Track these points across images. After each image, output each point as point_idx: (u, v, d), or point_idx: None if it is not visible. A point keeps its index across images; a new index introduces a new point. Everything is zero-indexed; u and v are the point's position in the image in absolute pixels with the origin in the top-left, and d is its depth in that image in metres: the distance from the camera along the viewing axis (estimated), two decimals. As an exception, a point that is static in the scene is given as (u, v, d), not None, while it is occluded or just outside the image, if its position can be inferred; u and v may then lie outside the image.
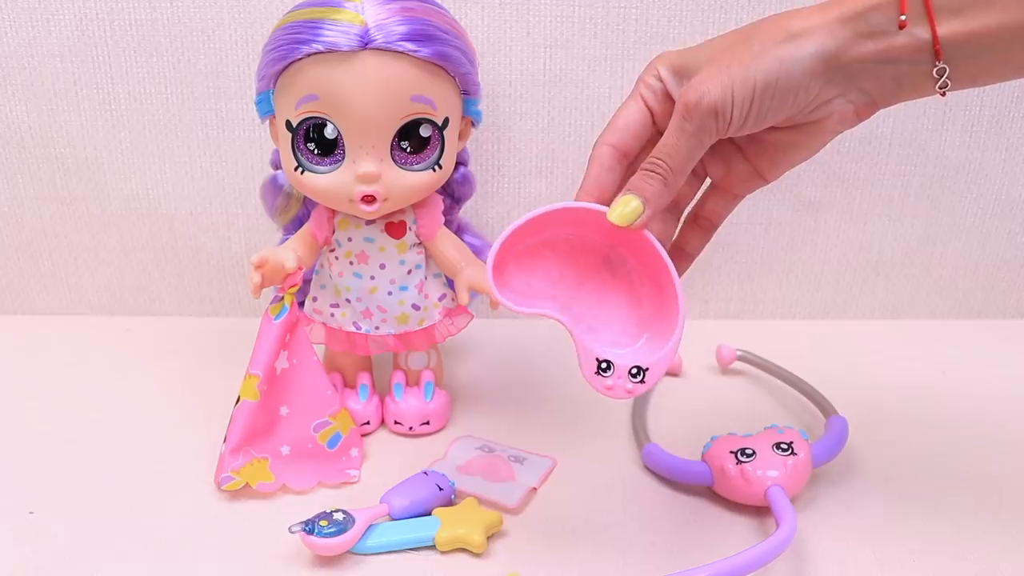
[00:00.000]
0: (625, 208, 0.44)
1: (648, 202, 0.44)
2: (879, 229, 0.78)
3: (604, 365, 0.45)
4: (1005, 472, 0.58)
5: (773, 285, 0.80)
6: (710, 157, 0.49)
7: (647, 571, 0.48)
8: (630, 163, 0.47)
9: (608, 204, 0.44)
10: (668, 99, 0.47)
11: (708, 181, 0.51)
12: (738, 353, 0.69)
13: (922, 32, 0.42)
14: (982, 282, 0.81)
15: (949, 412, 0.65)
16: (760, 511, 0.53)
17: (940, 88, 0.43)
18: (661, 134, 0.45)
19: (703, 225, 0.51)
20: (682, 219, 0.52)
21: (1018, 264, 0.80)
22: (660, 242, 0.46)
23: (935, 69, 0.43)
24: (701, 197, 0.51)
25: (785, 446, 0.52)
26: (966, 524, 0.52)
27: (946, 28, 0.42)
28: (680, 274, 0.47)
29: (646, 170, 0.44)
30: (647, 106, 0.47)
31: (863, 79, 0.44)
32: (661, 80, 0.46)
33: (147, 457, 0.58)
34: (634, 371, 0.45)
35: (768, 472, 0.51)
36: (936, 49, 0.42)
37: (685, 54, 0.46)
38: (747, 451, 0.52)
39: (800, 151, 0.47)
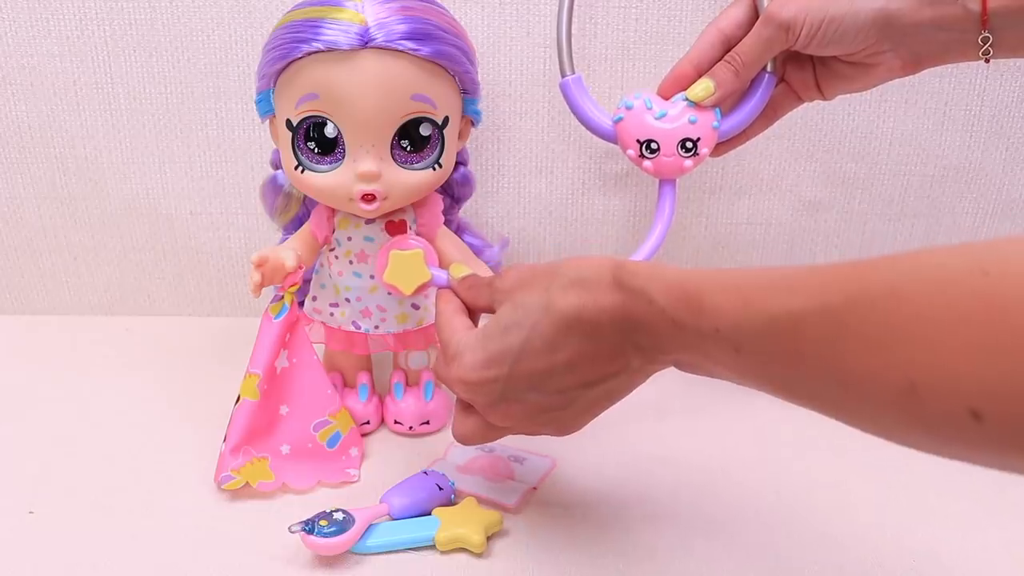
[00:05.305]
0: (700, 87, 0.57)
1: (719, 85, 0.56)
2: (879, 229, 0.78)
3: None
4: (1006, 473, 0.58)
5: (773, 285, 0.80)
6: (790, 63, 0.58)
7: (647, 571, 0.48)
8: (728, 48, 0.57)
9: (701, 73, 0.57)
10: None
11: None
12: None
13: (973, 5, 0.49)
14: (982, 282, 0.81)
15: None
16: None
17: (983, 55, 0.50)
18: None
19: (767, 114, 0.60)
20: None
21: (1018, 264, 0.80)
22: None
23: (980, 37, 0.49)
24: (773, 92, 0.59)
25: (691, 145, 0.57)
26: (967, 524, 0.52)
27: (995, 2, 0.48)
28: (734, 148, 0.61)
29: (725, 61, 0.56)
30: (754, 4, 0.56)
31: (915, 40, 0.52)
32: None
33: (147, 457, 0.58)
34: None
35: (668, 173, 0.60)
36: (983, 19, 0.49)
37: None
38: (652, 145, 0.57)
39: (853, 83, 0.56)
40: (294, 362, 0.57)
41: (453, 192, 0.62)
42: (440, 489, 0.53)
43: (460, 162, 0.61)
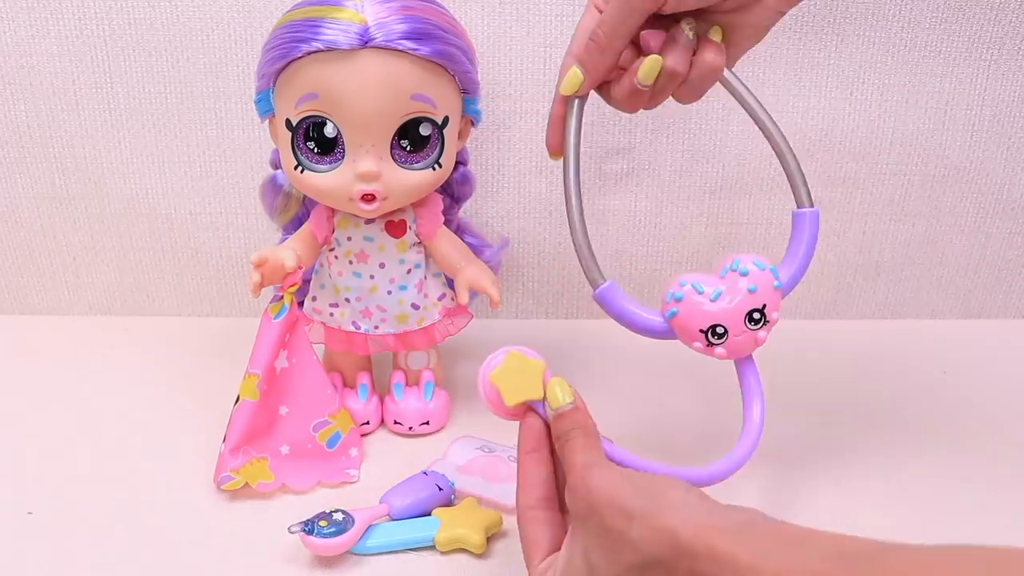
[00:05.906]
0: (566, 79, 0.48)
1: (586, 69, 0.48)
2: (879, 229, 0.78)
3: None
4: (1006, 473, 0.58)
5: (773, 285, 0.80)
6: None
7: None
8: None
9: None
10: None
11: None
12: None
13: None
14: (982, 282, 0.81)
15: (949, 412, 0.65)
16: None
17: None
18: None
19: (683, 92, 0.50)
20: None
21: (1018, 264, 0.80)
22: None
23: None
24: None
25: (758, 315, 0.50)
26: (967, 525, 0.52)
27: None
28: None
29: (588, 39, 0.47)
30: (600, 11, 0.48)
31: None
32: None
33: (147, 457, 0.58)
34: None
35: (743, 352, 0.51)
36: None
37: None
38: (719, 330, 0.50)
39: (747, 31, 0.48)
40: (294, 362, 0.57)
41: (453, 192, 0.62)
42: (440, 489, 0.53)
43: (460, 162, 0.61)
